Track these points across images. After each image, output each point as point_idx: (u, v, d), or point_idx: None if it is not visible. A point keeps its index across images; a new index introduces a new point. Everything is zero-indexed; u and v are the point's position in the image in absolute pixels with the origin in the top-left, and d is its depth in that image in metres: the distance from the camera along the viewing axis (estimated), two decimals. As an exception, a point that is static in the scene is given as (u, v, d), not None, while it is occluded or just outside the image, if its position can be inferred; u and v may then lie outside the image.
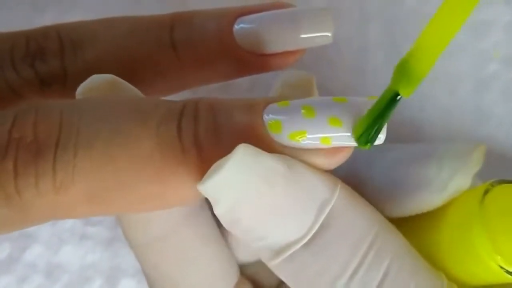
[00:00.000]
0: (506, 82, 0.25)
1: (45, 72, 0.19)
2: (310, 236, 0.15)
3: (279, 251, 0.15)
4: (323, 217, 0.15)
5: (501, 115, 0.25)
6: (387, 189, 0.19)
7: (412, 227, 0.19)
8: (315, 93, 0.17)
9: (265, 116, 0.15)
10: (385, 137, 0.14)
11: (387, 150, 0.20)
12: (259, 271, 0.22)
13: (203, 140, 0.15)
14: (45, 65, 0.19)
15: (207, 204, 0.20)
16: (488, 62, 0.25)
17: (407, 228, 0.18)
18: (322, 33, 0.18)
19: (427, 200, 0.18)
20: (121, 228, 0.20)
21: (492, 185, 0.17)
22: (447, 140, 0.25)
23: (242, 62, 0.19)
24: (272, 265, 0.16)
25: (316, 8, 0.18)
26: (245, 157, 0.13)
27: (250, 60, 0.18)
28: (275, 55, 0.18)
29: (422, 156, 0.19)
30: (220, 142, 0.15)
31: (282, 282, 0.19)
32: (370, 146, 0.14)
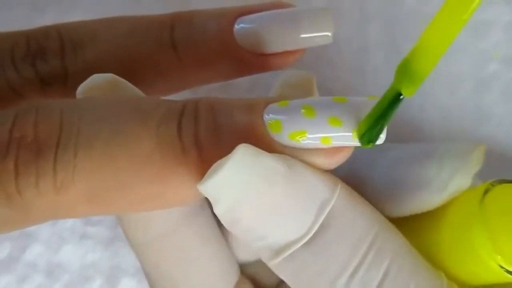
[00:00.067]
0: (506, 82, 0.25)
1: (45, 72, 0.19)
2: (310, 235, 0.15)
3: (279, 251, 0.15)
4: (323, 217, 0.15)
5: (501, 115, 0.25)
6: (387, 189, 0.19)
7: (412, 226, 0.19)
8: (315, 92, 0.17)
9: (265, 116, 0.15)
10: (385, 137, 0.14)
11: (387, 149, 0.20)
12: (259, 270, 0.22)
13: (203, 140, 0.15)
14: (46, 64, 0.19)
15: (207, 203, 0.20)
16: (488, 62, 0.25)
17: (407, 227, 0.18)
18: (322, 33, 0.18)
19: (427, 200, 0.18)
20: (121, 228, 0.20)
21: (492, 184, 0.17)
22: (447, 140, 0.25)
23: (242, 62, 0.19)
24: (272, 265, 0.16)
25: (316, 8, 0.18)
26: (245, 157, 0.13)
27: (250, 60, 0.18)
28: (275, 55, 0.18)
29: (422, 156, 0.19)
30: (220, 142, 0.15)
31: (282, 281, 0.20)
32: (373, 145, 0.14)
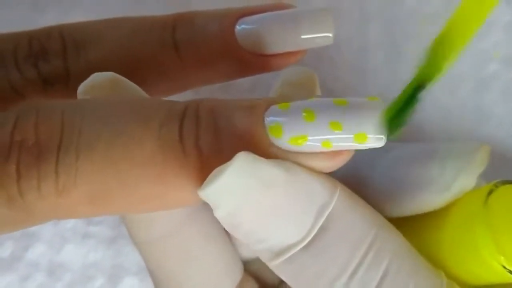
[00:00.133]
0: (506, 82, 0.25)
1: (48, 72, 0.19)
2: (309, 239, 0.15)
3: (279, 253, 0.15)
4: (322, 220, 0.15)
5: (501, 115, 0.25)
6: (388, 189, 0.19)
7: (413, 226, 0.19)
8: (317, 91, 0.17)
9: (266, 119, 0.15)
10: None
11: (387, 149, 0.20)
12: (262, 267, 0.22)
13: (204, 143, 0.15)
14: (48, 65, 0.19)
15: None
16: (488, 62, 0.25)
17: (408, 227, 0.18)
18: (322, 33, 0.18)
19: (428, 200, 0.18)
20: (125, 226, 0.20)
21: (496, 185, 0.17)
22: (447, 140, 0.25)
23: (244, 62, 0.19)
24: (272, 266, 0.16)
25: (317, 8, 0.18)
26: (245, 164, 0.13)
27: (252, 60, 0.18)
28: (276, 56, 0.18)
29: (423, 156, 0.19)
30: (220, 146, 0.15)
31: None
32: (398, 132, 0.14)
